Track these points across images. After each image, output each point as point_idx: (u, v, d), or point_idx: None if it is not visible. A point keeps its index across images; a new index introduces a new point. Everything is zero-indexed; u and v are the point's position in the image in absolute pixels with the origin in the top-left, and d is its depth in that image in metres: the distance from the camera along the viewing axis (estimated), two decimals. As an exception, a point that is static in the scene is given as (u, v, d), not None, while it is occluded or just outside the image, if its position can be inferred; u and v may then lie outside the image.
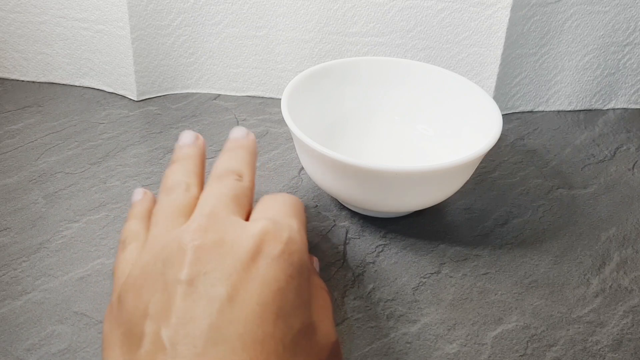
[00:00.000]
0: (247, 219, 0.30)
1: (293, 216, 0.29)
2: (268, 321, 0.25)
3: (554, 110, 0.56)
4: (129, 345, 0.25)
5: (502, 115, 0.51)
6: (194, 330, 0.24)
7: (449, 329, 0.36)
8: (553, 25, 0.51)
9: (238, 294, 0.25)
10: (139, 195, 0.35)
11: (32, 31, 0.54)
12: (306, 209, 0.32)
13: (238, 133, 0.35)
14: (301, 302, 0.27)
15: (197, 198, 0.31)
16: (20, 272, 0.38)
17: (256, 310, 0.25)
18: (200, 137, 0.36)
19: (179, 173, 0.32)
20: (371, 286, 0.38)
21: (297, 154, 0.47)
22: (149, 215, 0.33)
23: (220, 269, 0.26)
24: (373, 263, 0.40)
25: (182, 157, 0.34)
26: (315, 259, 0.35)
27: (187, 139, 0.35)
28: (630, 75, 0.55)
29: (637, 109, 0.57)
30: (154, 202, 0.34)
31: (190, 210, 0.30)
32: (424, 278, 0.39)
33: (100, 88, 0.56)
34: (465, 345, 0.35)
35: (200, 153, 0.35)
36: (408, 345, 0.35)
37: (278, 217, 0.29)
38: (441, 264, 0.40)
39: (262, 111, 0.54)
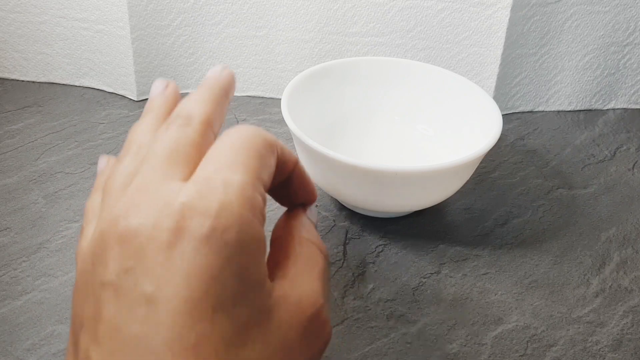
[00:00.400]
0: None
1: (237, 167, 0.23)
2: (202, 319, 0.20)
3: (554, 110, 0.56)
4: (74, 357, 0.22)
5: (502, 115, 0.51)
6: (120, 344, 0.20)
7: (449, 329, 0.36)
8: (553, 25, 0.51)
9: (162, 291, 0.20)
10: (103, 163, 0.30)
11: (32, 31, 0.54)
12: (276, 144, 0.26)
13: (212, 71, 0.29)
14: (250, 285, 0.22)
15: None
16: (20, 272, 0.38)
17: (185, 309, 0.20)
18: (172, 83, 0.30)
19: (138, 131, 0.27)
20: (371, 286, 0.38)
21: (297, 154, 0.47)
22: None
23: (141, 262, 0.21)
24: (373, 263, 0.40)
25: (146, 110, 0.28)
26: (311, 208, 0.30)
27: (156, 88, 0.29)
28: (630, 75, 0.55)
29: (637, 109, 0.57)
30: None
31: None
32: (424, 278, 0.39)
33: (100, 88, 0.56)
34: (465, 345, 0.35)
35: (168, 103, 0.28)
36: (408, 345, 0.35)
37: (213, 173, 0.22)
38: (441, 264, 0.40)
39: (262, 111, 0.54)
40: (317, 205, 0.44)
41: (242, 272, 0.21)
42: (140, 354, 0.20)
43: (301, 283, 0.24)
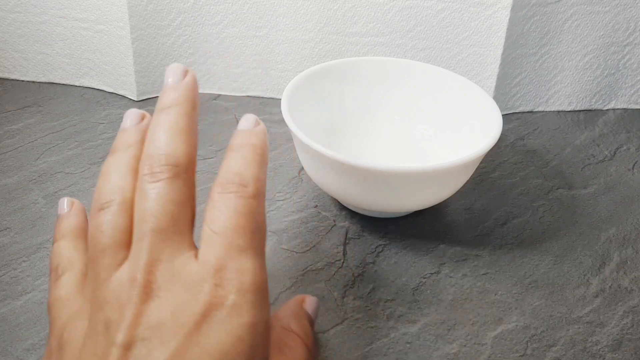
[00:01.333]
0: (193, 223, 0.27)
1: (247, 247, 0.25)
2: None
3: (554, 110, 0.56)
4: None
5: (502, 115, 0.51)
6: None
7: (449, 329, 0.36)
8: (553, 25, 0.51)
9: None
10: (65, 206, 0.31)
11: (32, 31, 0.54)
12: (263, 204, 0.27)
13: (171, 72, 0.29)
14: None
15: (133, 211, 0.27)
16: (20, 272, 0.38)
17: None
18: (147, 115, 0.30)
19: (113, 174, 0.27)
20: (371, 286, 0.38)
21: (297, 154, 0.47)
22: (80, 233, 0.30)
23: (159, 335, 0.23)
24: (373, 263, 0.40)
25: (120, 146, 0.29)
26: (310, 300, 0.32)
27: (131, 120, 0.29)
28: (630, 75, 0.55)
29: (637, 109, 0.57)
30: (83, 213, 0.31)
31: (130, 234, 0.26)
32: (424, 278, 0.39)
33: (100, 88, 0.56)
34: (465, 345, 0.35)
35: (143, 138, 0.28)
36: (408, 345, 0.35)
37: (227, 258, 0.25)
38: (441, 264, 0.40)
39: (262, 111, 0.54)
40: (316, 206, 0.44)
41: (249, 350, 0.24)
42: None
43: None
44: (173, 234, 0.25)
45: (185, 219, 0.26)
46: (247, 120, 0.29)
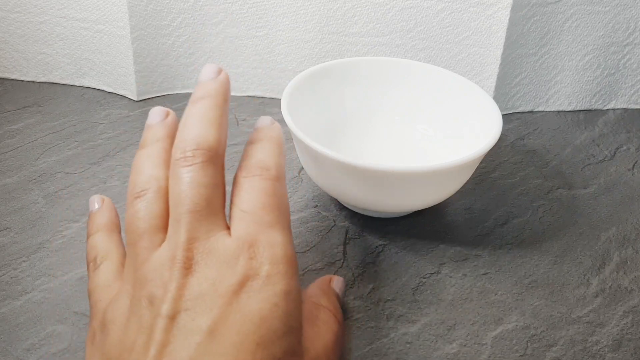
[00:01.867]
0: (224, 205, 0.28)
1: (276, 223, 0.28)
2: (247, 351, 0.25)
3: (554, 110, 0.56)
4: None
5: (502, 115, 0.51)
6: None
7: (449, 329, 0.36)
8: (553, 25, 0.51)
9: (218, 327, 0.25)
10: (96, 204, 0.33)
11: (32, 31, 0.54)
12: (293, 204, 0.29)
13: (206, 72, 0.31)
14: (288, 329, 0.26)
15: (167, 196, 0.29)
16: (20, 272, 0.38)
17: (235, 341, 0.25)
18: (172, 112, 0.32)
19: (146, 166, 0.30)
20: (371, 286, 0.38)
21: (297, 154, 0.47)
22: (113, 227, 0.32)
23: (201, 305, 0.25)
24: (373, 263, 0.40)
25: (149, 140, 0.31)
26: (337, 279, 0.35)
27: (156, 116, 0.32)
28: (630, 75, 0.55)
29: (637, 109, 0.57)
30: (114, 209, 0.33)
31: (165, 218, 0.28)
32: (424, 278, 0.39)
33: (100, 88, 0.56)
34: (465, 345, 0.35)
35: (171, 133, 0.31)
36: (408, 345, 0.35)
37: (259, 233, 0.27)
38: (441, 264, 0.40)
39: (262, 111, 0.54)
40: (316, 206, 0.44)
41: (285, 316, 0.26)
42: None
43: (318, 344, 0.29)
44: (207, 214, 0.27)
45: (218, 200, 0.28)
46: (264, 120, 0.32)
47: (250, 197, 0.28)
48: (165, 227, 0.28)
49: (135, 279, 0.27)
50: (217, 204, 0.28)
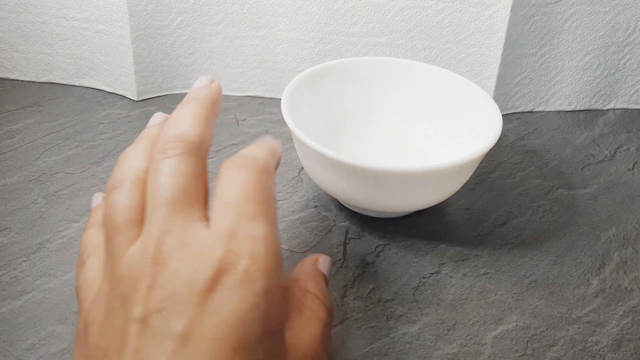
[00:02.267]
0: (206, 199, 0.27)
1: (259, 215, 0.26)
2: (225, 357, 0.23)
3: (554, 110, 0.56)
4: None
5: (502, 115, 0.51)
6: None
7: (449, 329, 0.36)
8: (553, 25, 0.51)
9: (193, 330, 0.23)
10: (97, 200, 0.32)
11: (32, 31, 0.54)
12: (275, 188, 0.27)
13: (199, 82, 0.30)
14: (268, 331, 0.24)
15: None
16: (20, 272, 0.38)
17: (211, 347, 0.23)
18: (162, 115, 0.31)
19: (129, 158, 0.28)
20: (371, 286, 0.38)
21: (297, 154, 0.47)
22: None
23: (174, 305, 0.23)
24: (373, 263, 0.40)
25: (140, 137, 0.30)
26: (323, 259, 0.32)
27: (156, 119, 0.31)
28: (630, 75, 0.55)
29: (637, 109, 0.57)
30: None
31: (142, 211, 0.26)
32: (424, 278, 0.39)
33: (100, 88, 0.56)
34: (465, 345, 0.35)
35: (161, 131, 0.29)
36: (408, 345, 0.35)
37: (239, 225, 0.25)
38: (441, 264, 0.40)
39: (262, 111, 0.54)
40: (316, 206, 0.44)
41: (265, 317, 0.24)
42: None
43: (305, 336, 0.27)
44: (184, 205, 0.25)
45: (196, 192, 0.26)
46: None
47: (232, 188, 0.26)
48: (143, 221, 0.26)
49: (112, 277, 0.25)
50: (195, 196, 0.26)
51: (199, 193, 0.26)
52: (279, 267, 0.25)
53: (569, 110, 0.56)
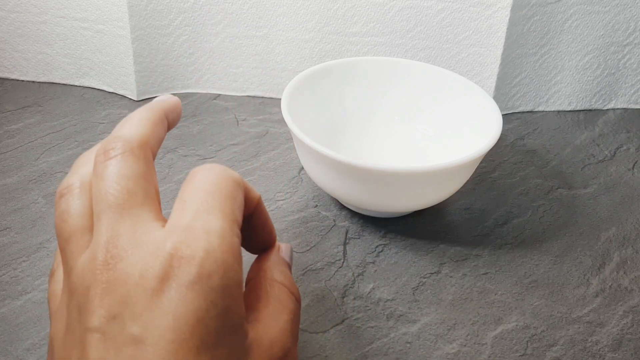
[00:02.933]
0: (157, 199, 0.26)
1: (215, 213, 0.24)
2: (186, 358, 0.22)
3: (554, 110, 0.56)
4: None
5: (502, 115, 0.51)
6: None
7: (449, 329, 0.36)
8: (553, 25, 0.51)
9: (150, 333, 0.22)
10: None
11: (32, 31, 0.54)
12: (243, 187, 0.27)
13: (158, 97, 0.30)
14: (230, 328, 0.23)
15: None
16: (20, 272, 0.38)
17: (171, 349, 0.22)
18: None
19: (78, 165, 0.27)
20: (371, 286, 0.38)
21: (297, 154, 0.47)
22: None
23: (128, 309, 0.22)
24: (373, 263, 0.40)
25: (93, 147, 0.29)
26: (285, 247, 0.31)
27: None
28: (630, 75, 0.55)
29: (637, 109, 0.57)
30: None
31: (91, 218, 0.25)
32: (424, 278, 0.39)
33: (100, 88, 0.56)
34: (465, 345, 0.35)
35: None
36: (408, 345, 0.35)
37: (193, 221, 0.24)
38: (441, 264, 0.40)
39: (262, 111, 0.54)
40: (316, 206, 0.44)
41: (224, 314, 0.23)
42: None
43: (273, 326, 0.26)
44: (131, 207, 0.24)
45: (144, 192, 0.25)
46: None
47: (192, 187, 0.25)
48: (93, 227, 0.25)
49: (68, 288, 0.24)
50: (143, 196, 0.25)
51: (147, 193, 0.25)
52: (237, 263, 0.24)
53: (569, 110, 0.56)
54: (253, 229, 0.29)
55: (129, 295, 0.22)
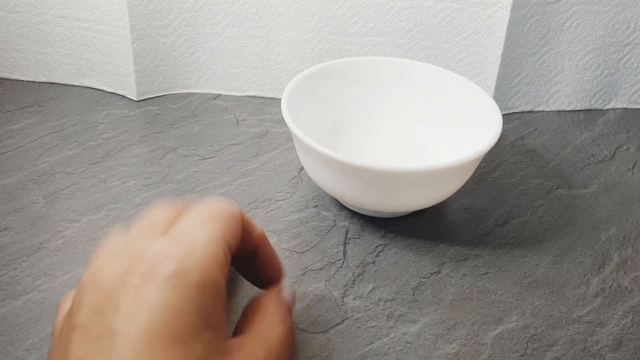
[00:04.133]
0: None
1: (204, 227, 0.26)
2: (160, 349, 0.22)
3: (554, 110, 0.56)
4: None
5: (502, 115, 0.51)
6: None
7: (449, 329, 0.36)
8: (553, 25, 0.51)
9: (126, 325, 0.23)
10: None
11: (32, 31, 0.54)
12: (244, 218, 0.28)
13: None
14: (206, 324, 0.24)
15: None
16: (20, 272, 0.38)
17: (145, 339, 0.22)
18: None
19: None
20: (371, 286, 0.38)
21: (297, 154, 0.47)
22: None
23: (111, 303, 0.23)
24: (373, 263, 0.40)
25: None
26: (287, 290, 0.32)
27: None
28: (630, 75, 0.55)
29: (637, 109, 0.57)
30: None
31: None
32: (424, 278, 0.39)
33: (100, 88, 0.56)
34: (465, 345, 0.35)
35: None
36: (408, 345, 0.35)
37: (181, 231, 0.26)
38: (441, 264, 0.40)
39: (262, 111, 0.54)
40: (316, 206, 0.44)
41: (201, 311, 0.24)
42: None
43: (260, 338, 0.27)
44: (147, 232, 0.27)
45: (162, 227, 0.27)
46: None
47: (187, 213, 0.28)
48: None
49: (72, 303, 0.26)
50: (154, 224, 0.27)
51: (163, 226, 0.27)
52: (218, 268, 0.25)
53: (569, 110, 0.56)
54: (259, 264, 0.30)
55: (113, 291, 0.24)
